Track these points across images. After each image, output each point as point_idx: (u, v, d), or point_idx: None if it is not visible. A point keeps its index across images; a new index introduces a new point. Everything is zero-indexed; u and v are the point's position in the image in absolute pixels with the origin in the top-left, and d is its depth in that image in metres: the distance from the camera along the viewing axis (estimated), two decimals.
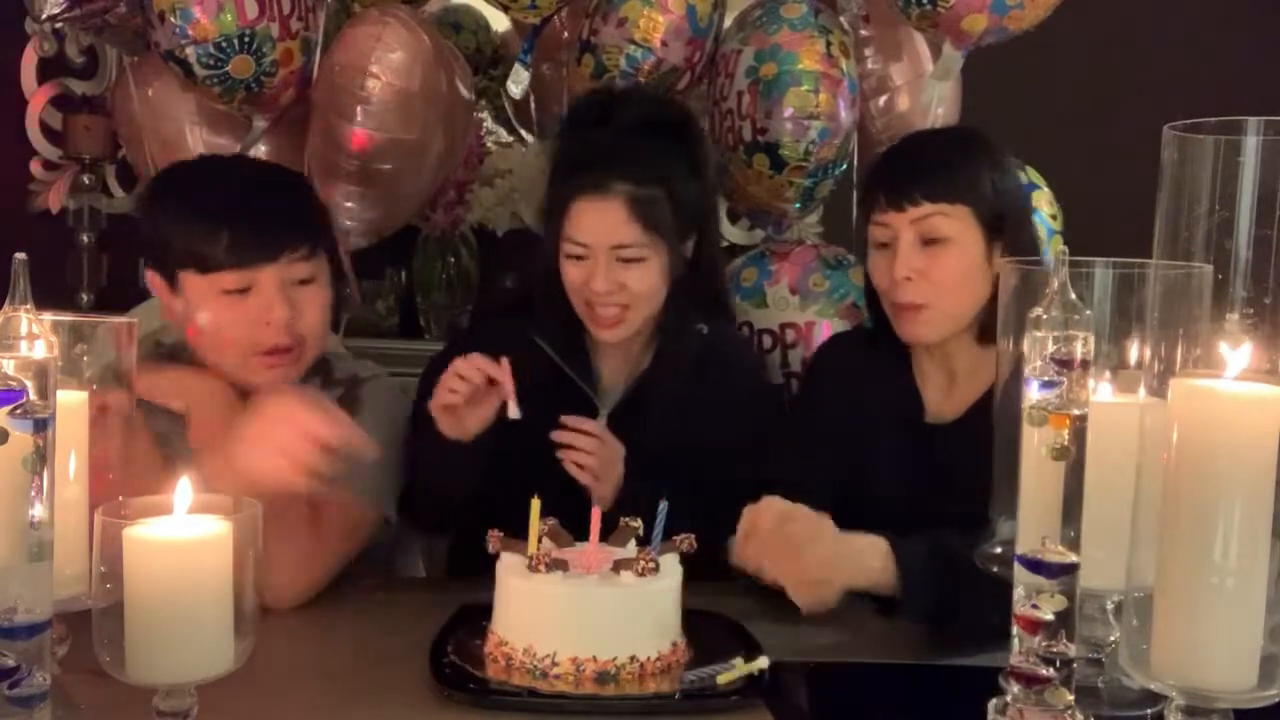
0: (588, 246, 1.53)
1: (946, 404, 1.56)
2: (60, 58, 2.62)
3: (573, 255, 1.54)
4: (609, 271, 1.52)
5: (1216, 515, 0.79)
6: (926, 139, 1.69)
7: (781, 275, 1.99)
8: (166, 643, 0.88)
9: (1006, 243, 1.47)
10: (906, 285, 1.47)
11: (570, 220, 1.53)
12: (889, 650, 1.29)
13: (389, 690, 1.12)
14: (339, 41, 1.94)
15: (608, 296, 1.53)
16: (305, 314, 1.42)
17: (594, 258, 1.53)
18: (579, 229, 1.53)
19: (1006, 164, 1.53)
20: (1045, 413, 0.86)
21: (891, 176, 1.51)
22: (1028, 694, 0.86)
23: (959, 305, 1.48)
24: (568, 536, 1.23)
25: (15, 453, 0.81)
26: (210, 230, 1.36)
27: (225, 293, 1.38)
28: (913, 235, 1.46)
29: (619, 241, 1.52)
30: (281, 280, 1.39)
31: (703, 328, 1.65)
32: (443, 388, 1.41)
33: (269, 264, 1.38)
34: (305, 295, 1.42)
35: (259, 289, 1.38)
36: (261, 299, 1.38)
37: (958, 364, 1.54)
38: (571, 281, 1.56)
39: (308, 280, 1.42)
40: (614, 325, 1.56)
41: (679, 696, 1.09)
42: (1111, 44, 2.87)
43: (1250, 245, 0.85)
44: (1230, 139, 0.85)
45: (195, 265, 1.37)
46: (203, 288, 1.38)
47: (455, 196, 2.52)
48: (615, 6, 1.95)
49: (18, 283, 0.87)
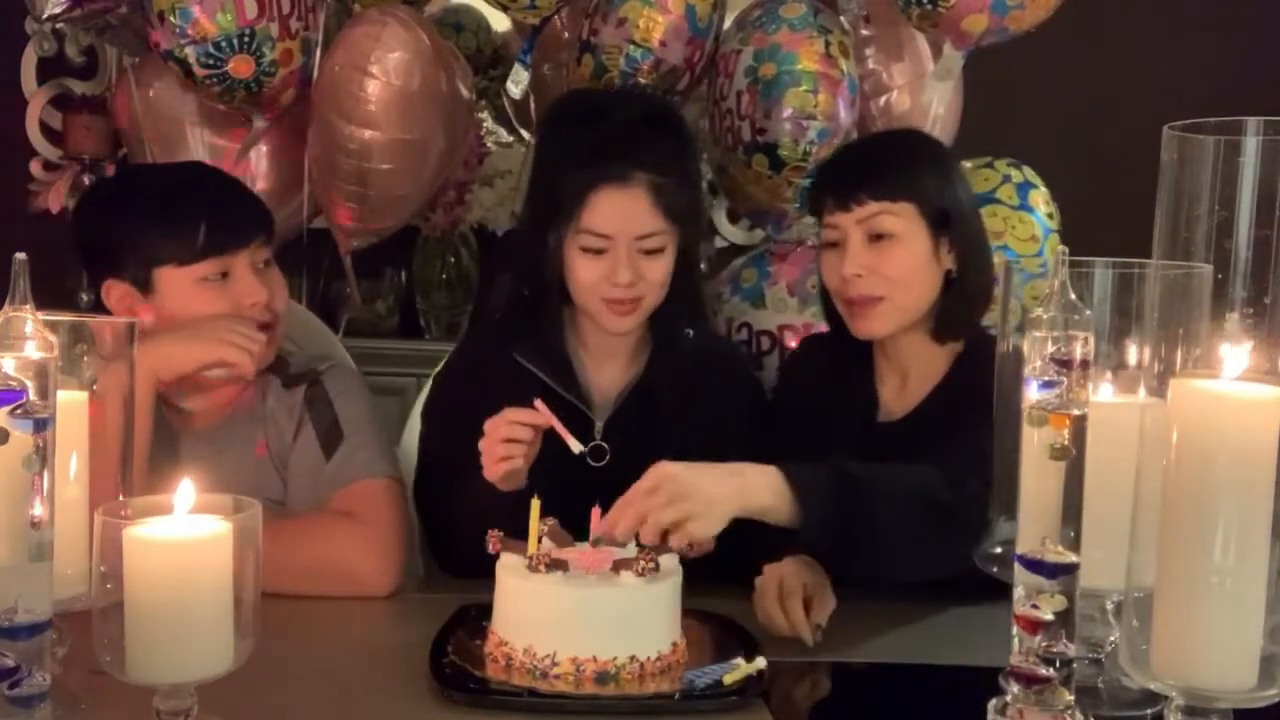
0: (610, 238, 1.50)
1: (897, 402, 1.59)
2: (60, 58, 2.62)
3: (590, 249, 1.51)
4: (631, 262, 1.50)
5: (1216, 515, 0.79)
6: (869, 142, 1.81)
7: (780, 277, 1.99)
8: (166, 643, 0.88)
9: (953, 239, 1.53)
10: (857, 281, 1.52)
11: (589, 211, 1.50)
12: (889, 650, 1.29)
13: (389, 690, 1.12)
14: (339, 41, 1.94)
15: (628, 289, 1.51)
16: (276, 293, 1.53)
17: (615, 250, 1.50)
18: (600, 220, 1.50)
19: (949, 163, 1.60)
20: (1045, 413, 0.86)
21: (837, 179, 1.57)
22: (1028, 694, 0.86)
23: (908, 298, 1.53)
24: (568, 537, 1.23)
25: (15, 453, 0.81)
26: (188, 223, 1.44)
27: (204, 280, 1.46)
28: (861, 234, 1.51)
29: (643, 231, 1.50)
30: (252, 264, 1.50)
31: (690, 331, 1.63)
32: (494, 455, 1.37)
33: (242, 249, 1.48)
34: (271, 276, 1.54)
35: (235, 274, 1.48)
36: (240, 283, 1.48)
37: (910, 362, 1.58)
38: (585, 278, 1.52)
39: (268, 262, 1.54)
40: (628, 315, 1.54)
41: (679, 696, 1.09)
42: (1111, 44, 2.87)
43: (1250, 245, 0.85)
44: (1230, 139, 0.86)
45: (175, 259, 1.44)
46: (181, 280, 1.45)
47: (455, 196, 2.52)
48: (615, 6, 1.95)
49: (18, 283, 0.87)
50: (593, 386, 1.62)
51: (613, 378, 1.63)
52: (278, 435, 1.51)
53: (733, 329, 2.02)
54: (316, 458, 1.47)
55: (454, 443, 1.46)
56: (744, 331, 1.99)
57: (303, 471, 1.48)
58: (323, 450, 1.47)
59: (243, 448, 1.50)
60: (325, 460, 1.46)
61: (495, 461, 1.36)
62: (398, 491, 1.48)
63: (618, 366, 1.64)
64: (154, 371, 1.37)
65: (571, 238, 1.52)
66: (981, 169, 2.02)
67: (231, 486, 0.93)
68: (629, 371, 1.63)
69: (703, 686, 1.09)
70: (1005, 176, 2.00)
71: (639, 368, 1.63)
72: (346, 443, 1.47)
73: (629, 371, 1.63)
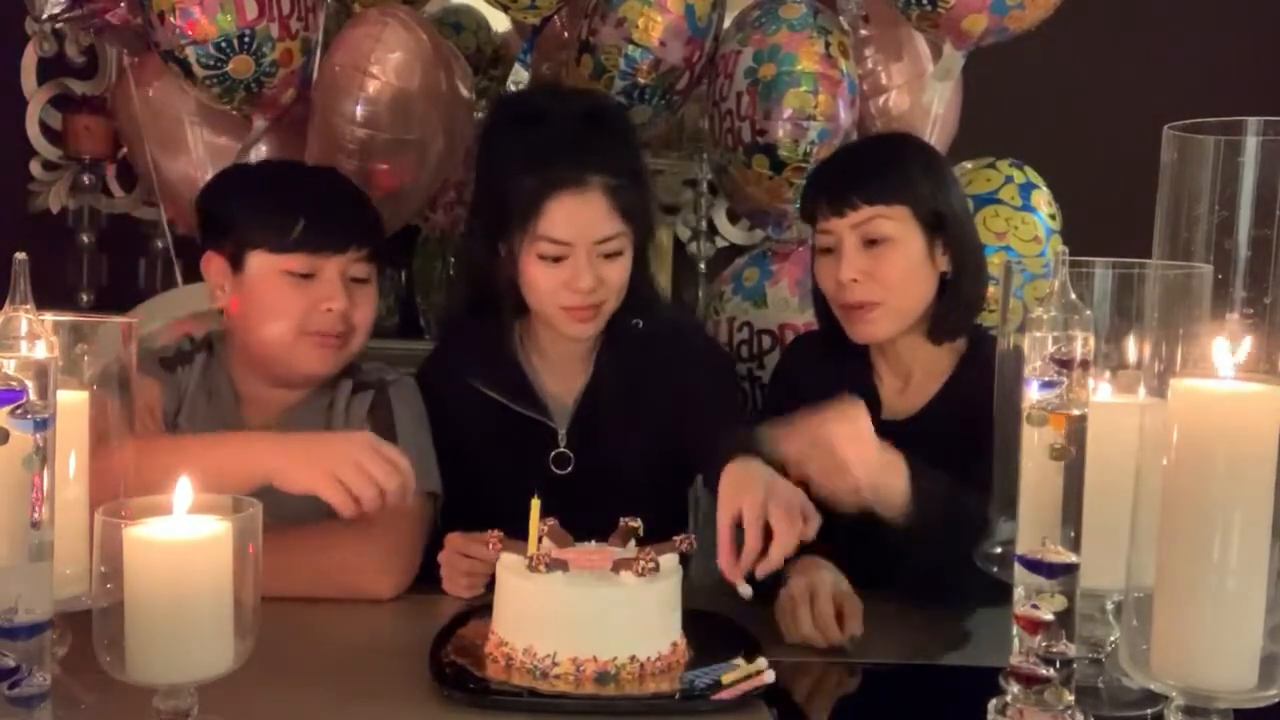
0: (569, 244, 1.47)
1: (901, 402, 1.59)
2: (60, 58, 2.61)
3: (548, 256, 1.48)
4: (591, 267, 1.48)
5: (1216, 515, 0.79)
6: (861, 146, 1.81)
7: (782, 276, 1.99)
8: (166, 643, 0.88)
9: (947, 241, 1.53)
10: (854, 286, 1.51)
11: (546, 219, 1.46)
12: (889, 650, 1.29)
13: (389, 690, 1.12)
14: (339, 41, 1.94)
15: (589, 295, 1.49)
16: (359, 308, 1.53)
17: (574, 256, 1.47)
18: (557, 227, 1.46)
19: (941, 165, 1.60)
20: (1045, 413, 0.86)
21: (830, 184, 1.56)
22: (1028, 694, 0.86)
23: (905, 301, 1.53)
24: (567, 537, 1.23)
25: (15, 453, 0.81)
26: (288, 216, 1.48)
27: (289, 273, 1.48)
28: (855, 238, 1.51)
29: (602, 235, 1.48)
30: (342, 273, 1.51)
31: (638, 321, 1.59)
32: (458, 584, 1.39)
33: (335, 255, 1.50)
34: (360, 292, 1.54)
35: (321, 276, 1.49)
36: (324, 287, 1.49)
37: (913, 363, 1.59)
38: (544, 285, 1.49)
39: (363, 279, 1.54)
40: (589, 320, 1.52)
41: (679, 696, 1.09)
42: (1111, 44, 2.87)
43: (1250, 245, 0.85)
44: (1230, 139, 0.86)
45: (267, 246, 1.48)
46: (269, 268, 1.48)
47: (455, 196, 2.52)
48: (614, 6, 1.95)
49: (18, 283, 0.87)
50: (550, 396, 1.61)
51: (570, 383, 1.62)
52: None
53: (734, 328, 2.02)
54: None
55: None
56: (745, 331, 1.99)
57: None
58: None
59: None
60: None
61: (458, 586, 1.39)
62: (425, 508, 1.48)
63: (575, 371, 1.62)
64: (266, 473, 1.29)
65: (528, 245, 1.48)
66: (984, 169, 2.02)
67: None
68: (584, 375, 1.61)
69: (703, 686, 1.09)
70: (1008, 177, 2.00)
71: (589, 370, 1.61)
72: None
73: (584, 375, 1.61)
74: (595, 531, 1.24)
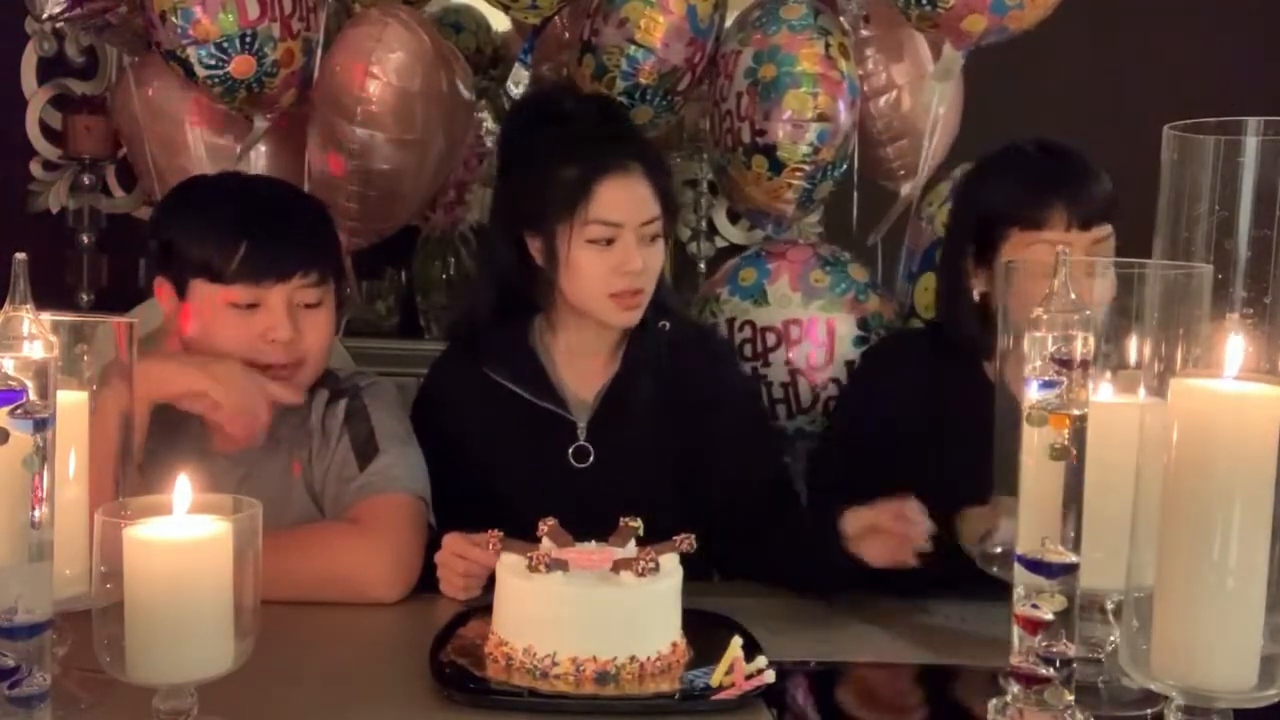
0: (619, 225, 1.49)
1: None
2: (60, 58, 2.62)
3: (598, 240, 1.49)
4: (640, 248, 1.50)
5: (1216, 515, 0.79)
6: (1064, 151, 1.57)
7: (781, 273, 1.98)
8: (166, 643, 0.88)
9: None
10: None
11: (596, 203, 1.48)
12: (889, 650, 1.29)
13: (389, 690, 1.12)
14: (339, 41, 1.94)
15: (638, 277, 1.51)
16: (307, 336, 1.45)
17: (623, 238, 1.49)
18: (608, 208, 1.48)
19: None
20: (1045, 413, 0.86)
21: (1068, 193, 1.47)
22: (1028, 694, 0.86)
23: None
24: (567, 537, 1.23)
25: (15, 453, 0.81)
26: (227, 243, 1.39)
27: (232, 305, 1.40)
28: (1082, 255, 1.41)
29: (649, 215, 1.51)
30: (289, 301, 1.42)
31: (664, 324, 1.61)
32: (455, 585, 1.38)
33: (279, 284, 1.41)
34: (310, 319, 1.45)
35: (266, 307, 1.41)
36: (268, 317, 1.41)
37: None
38: (594, 271, 1.50)
39: (314, 305, 1.45)
40: (635, 308, 1.53)
41: (679, 696, 1.09)
42: (1111, 44, 2.87)
43: (1250, 245, 0.85)
44: (1230, 139, 0.86)
45: (207, 275, 1.40)
46: (211, 298, 1.41)
47: (455, 196, 2.52)
48: (616, 7, 1.95)
49: (18, 283, 0.87)
50: (569, 389, 1.61)
51: (590, 377, 1.61)
52: (320, 448, 1.49)
53: (735, 328, 2.01)
54: (351, 468, 1.46)
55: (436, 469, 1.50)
56: (748, 330, 1.98)
57: (337, 481, 1.46)
58: (357, 462, 1.46)
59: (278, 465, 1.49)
60: (359, 472, 1.45)
61: (455, 587, 1.38)
62: (419, 510, 1.45)
63: (596, 366, 1.62)
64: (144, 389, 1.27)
65: (576, 233, 1.49)
66: None
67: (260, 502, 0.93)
68: (607, 370, 1.61)
69: (703, 687, 1.09)
70: None
71: (616, 365, 1.61)
72: (381, 457, 1.45)
73: (607, 370, 1.61)
74: (612, 528, 1.24)
